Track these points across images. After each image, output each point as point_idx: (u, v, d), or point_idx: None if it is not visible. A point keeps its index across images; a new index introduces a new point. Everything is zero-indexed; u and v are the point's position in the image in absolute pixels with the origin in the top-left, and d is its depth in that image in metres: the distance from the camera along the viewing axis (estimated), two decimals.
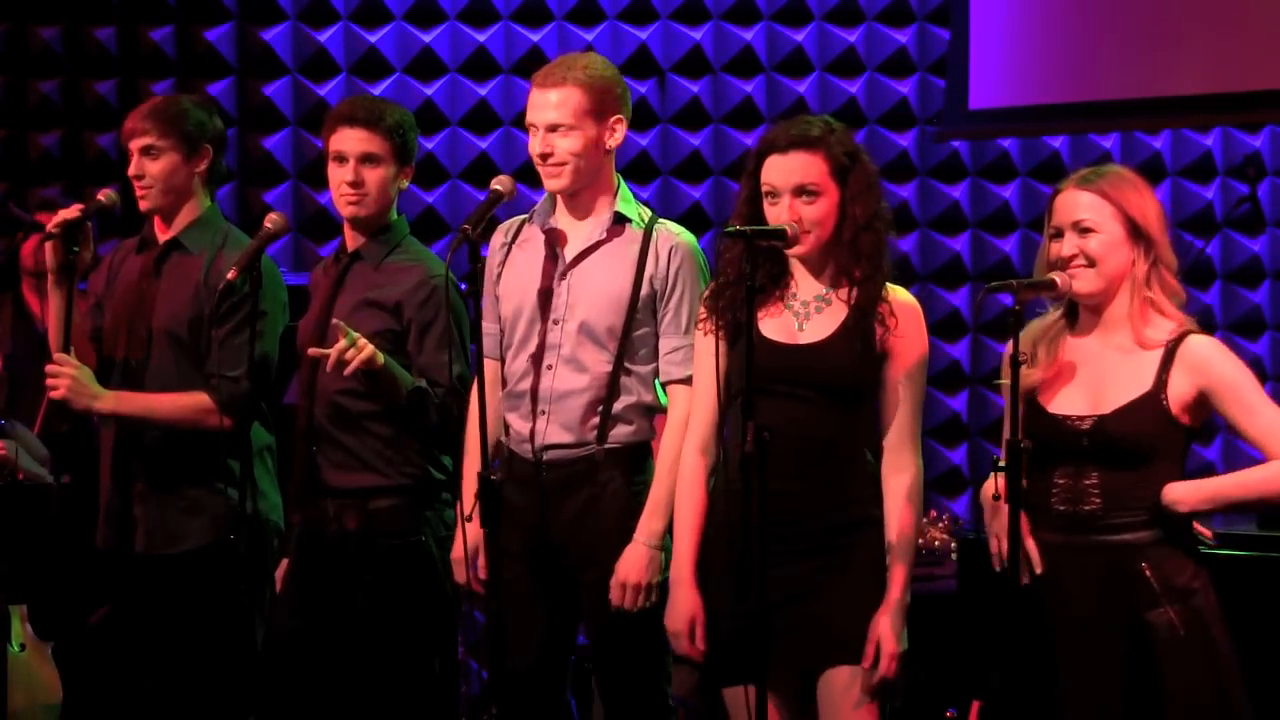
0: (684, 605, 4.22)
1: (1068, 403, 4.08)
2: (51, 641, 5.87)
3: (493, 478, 4.27)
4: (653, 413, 4.55)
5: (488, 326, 4.66)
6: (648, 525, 4.42)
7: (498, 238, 4.72)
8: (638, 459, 4.53)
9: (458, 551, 4.60)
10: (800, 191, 4.13)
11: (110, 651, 5.14)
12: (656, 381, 4.56)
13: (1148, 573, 4.00)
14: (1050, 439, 4.04)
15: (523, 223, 4.70)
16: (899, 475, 4.14)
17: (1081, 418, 4.05)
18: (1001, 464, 3.97)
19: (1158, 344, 4.03)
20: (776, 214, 4.14)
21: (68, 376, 4.87)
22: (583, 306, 4.52)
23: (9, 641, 5.70)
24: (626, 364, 4.51)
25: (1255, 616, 5.00)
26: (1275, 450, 3.99)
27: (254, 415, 4.94)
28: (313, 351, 4.71)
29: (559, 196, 4.59)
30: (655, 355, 4.53)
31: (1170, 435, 4.03)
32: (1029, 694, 4.07)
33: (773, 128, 4.25)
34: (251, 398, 4.87)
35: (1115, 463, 4.02)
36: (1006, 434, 4.00)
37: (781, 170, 4.15)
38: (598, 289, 4.52)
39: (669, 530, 4.44)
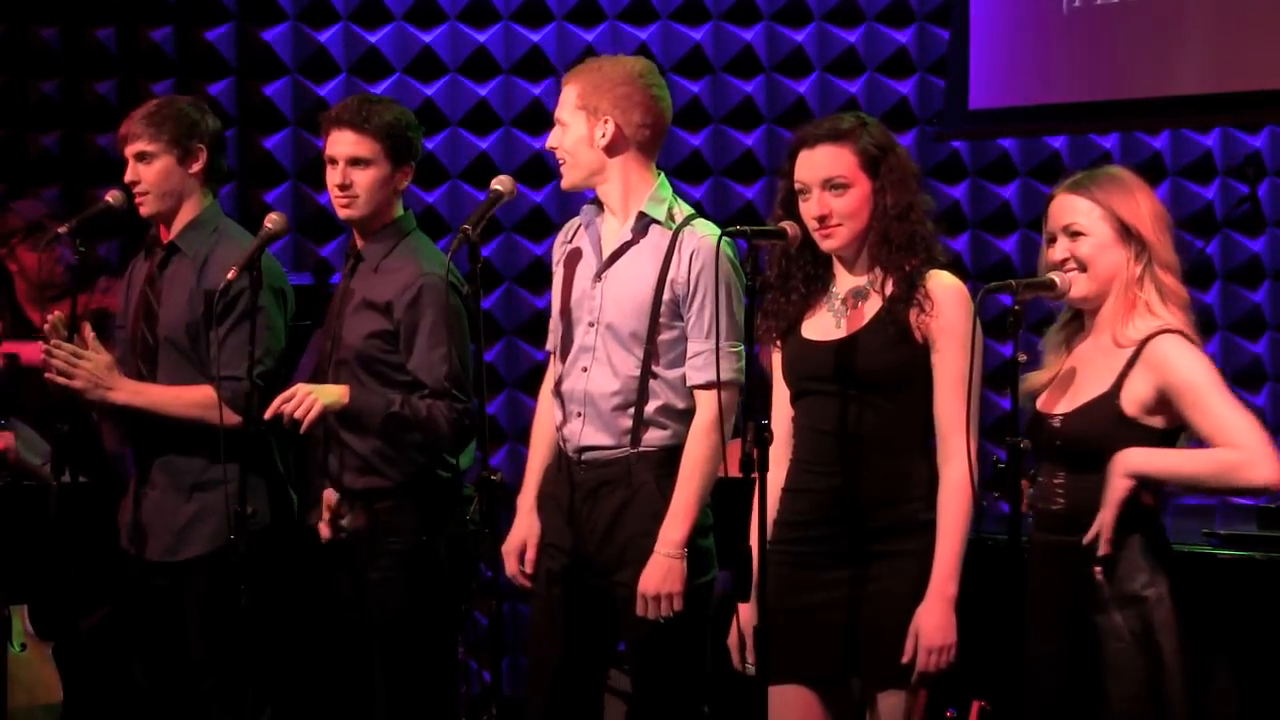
0: (741, 618, 4.18)
1: (1052, 401, 4.12)
2: (52, 642, 5.87)
3: (493, 479, 4.28)
4: (688, 417, 4.50)
5: (552, 324, 4.70)
6: (667, 534, 4.40)
7: (560, 237, 4.73)
8: (673, 463, 4.47)
9: (509, 544, 4.60)
10: (828, 184, 4.11)
11: (109, 652, 5.14)
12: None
13: (1099, 577, 3.99)
14: (1034, 437, 4.08)
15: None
16: (946, 465, 4.07)
17: (1054, 416, 4.08)
18: (1002, 464, 3.98)
19: (1131, 343, 4.03)
20: (808, 209, 4.12)
21: (86, 369, 4.86)
22: (611, 309, 4.52)
23: (10, 641, 5.70)
24: (654, 368, 4.49)
25: (1255, 616, 5.01)
26: (1222, 444, 3.93)
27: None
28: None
29: (599, 195, 4.60)
30: (682, 360, 4.51)
31: (1127, 437, 4.00)
32: (1026, 693, 4.08)
33: (804, 125, 4.23)
34: (257, 396, 4.84)
35: (1076, 463, 4.03)
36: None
37: (810, 164, 4.13)
38: (623, 292, 4.52)
39: (700, 534, 4.46)
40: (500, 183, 4.49)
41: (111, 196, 5.03)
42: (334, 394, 4.73)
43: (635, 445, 4.48)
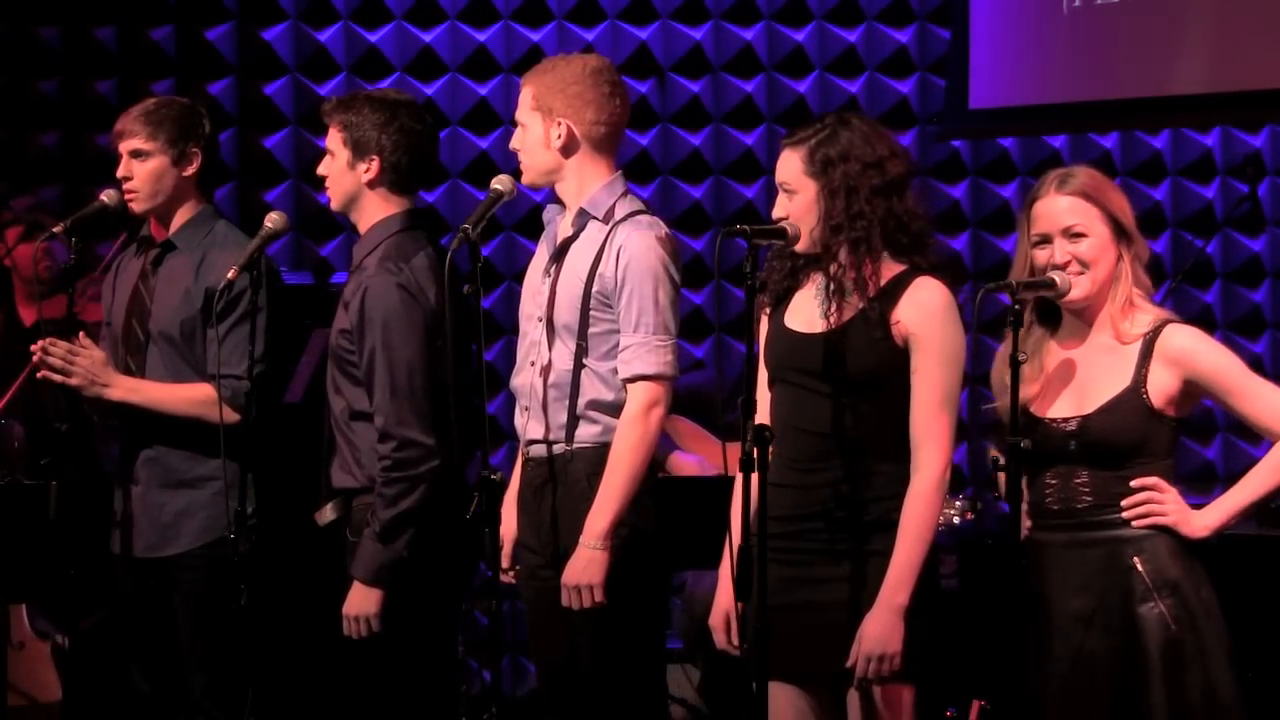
0: (723, 600, 4.18)
1: (1054, 407, 4.10)
2: (51, 642, 5.87)
3: (493, 478, 4.28)
4: (619, 411, 4.49)
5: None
6: (591, 525, 4.39)
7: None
8: (606, 460, 4.46)
9: (504, 541, 4.60)
10: (782, 187, 4.13)
11: (108, 652, 5.14)
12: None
13: (1140, 566, 4.00)
14: (1040, 443, 4.05)
15: None
16: (915, 474, 4.06)
17: (1066, 420, 4.06)
18: (1002, 464, 3.98)
19: (1136, 338, 4.05)
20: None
21: (83, 365, 4.86)
22: (553, 304, 4.54)
23: (9, 641, 5.71)
24: (584, 360, 4.50)
25: (1256, 616, 5.01)
26: (1271, 424, 4.00)
27: (260, 412, 4.89)
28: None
29: (557, 193, 4.61)
30: (615, 354, 4.50)
31: (1154, 429, 4.03)
32: (1028, 693, 4.07)
33: None
34: (255, 394, 4.82)
35: (1101, 461, 4.03)
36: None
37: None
38: (563, 286, 4.53)
39: (620, 526, 4.42)
40: (500, 182, 4.49)
41: (107, 195, 5.02)
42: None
43: (570, 441, 4.49)
